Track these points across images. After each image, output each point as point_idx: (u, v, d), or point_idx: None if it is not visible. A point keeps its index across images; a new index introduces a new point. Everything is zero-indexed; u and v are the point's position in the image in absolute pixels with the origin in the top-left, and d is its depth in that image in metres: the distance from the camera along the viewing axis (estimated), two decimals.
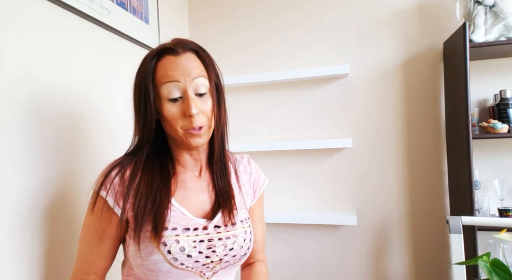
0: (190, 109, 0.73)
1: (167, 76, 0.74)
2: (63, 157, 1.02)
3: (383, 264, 1.72)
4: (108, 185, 0.75)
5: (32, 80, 0.94)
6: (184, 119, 0.75)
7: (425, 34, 1.68)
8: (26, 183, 0.90)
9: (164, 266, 0.71)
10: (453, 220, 1.21)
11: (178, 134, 0.75)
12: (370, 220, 1.74)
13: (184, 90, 0.74)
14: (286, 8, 1.84)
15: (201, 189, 0.83)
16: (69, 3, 1.06)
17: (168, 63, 0.75)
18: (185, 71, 0.74)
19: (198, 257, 0.74)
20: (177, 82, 0.73)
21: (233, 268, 0.83)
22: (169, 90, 0.74)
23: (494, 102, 1.55)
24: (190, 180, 0.83)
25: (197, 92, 0.75)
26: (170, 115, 0.75)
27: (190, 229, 0.76)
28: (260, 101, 1.88)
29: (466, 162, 1.40)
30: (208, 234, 0.77)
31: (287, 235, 1.83)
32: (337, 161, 1.79)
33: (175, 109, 0.75)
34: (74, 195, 1.06)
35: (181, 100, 0.75)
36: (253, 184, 0.92)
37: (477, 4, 1.49)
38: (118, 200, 0.75)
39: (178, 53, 0.75)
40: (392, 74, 1.72)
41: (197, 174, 0.85)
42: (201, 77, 0.75)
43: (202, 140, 0.76)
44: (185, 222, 0.76)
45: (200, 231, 0.76)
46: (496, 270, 0.70)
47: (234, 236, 0.80)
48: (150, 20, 1.52)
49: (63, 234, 1.01)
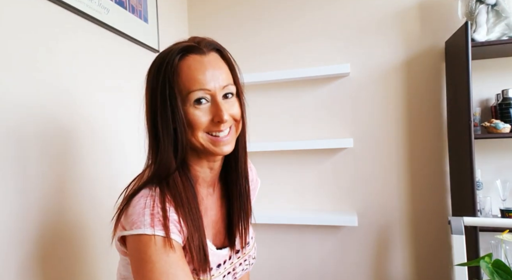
0: (222, 114, 0.64)
1: (195, 80, 0.64)
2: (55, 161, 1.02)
3: (384, 265, 1.71)
4: (157, 220, 0.60)
5: (30, 79, 0.93)
6: (211, 124, 0.66)
7: (426, 33, 1.67)
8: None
9: None
10: (455, 221, 1.20)
11: (200, 140, 0.66)
12: (371, 221, 1.73)
13: (213, 95, 0.65)
14: (286, 8, 1.84)
15: (211, 206, 0.76)
16: (68, 1, 1.05)
17: (193, 63, 0.65)
18: (214, 76, 0.65)
19: None
20: (207, 90, 0.65)
21: None
22: (196, 95, 0.64)
23: (496, 102, 1.54)
24: (205, 198, 0.74)
25: (224, 94, 0.68)
26: (196, 120, 0.64)
27: (221, 264, 0.72)
28: (260, 100, 1.87)
29: (468, 162, 1.38)
30: (232, 262, 0.76)
31: (288, 235, 1.82)
32: (338, 161, 1.78)
33: (202, 113, 0.65)
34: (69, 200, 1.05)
35: (208, 104, 0.66)
36: (254, 190, 0.89)
37: (479, 3, 1.47)
38: (174, 226, 0.62)
39: (204, 52, 0.67)
40: (393, 74, 1.71)
41: (212, 190, 0.76)
42: (231, 85, 0.68)
43: (229, 147, 0.68)
44: (215, 258, 0.70)
45: (227, 263, 0.74)
46: (498, 271, 0.69)
47: (248, 257, 0.81)
48: (149, 19, 1.52)
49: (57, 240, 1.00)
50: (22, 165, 0.89)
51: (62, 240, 1.00)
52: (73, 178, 1.06)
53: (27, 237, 0.89)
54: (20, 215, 0.88)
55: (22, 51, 0.91)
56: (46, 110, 0.98)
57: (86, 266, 1.09)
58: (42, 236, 0.93)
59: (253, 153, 1.80)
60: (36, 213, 0.92)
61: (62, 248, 1.00)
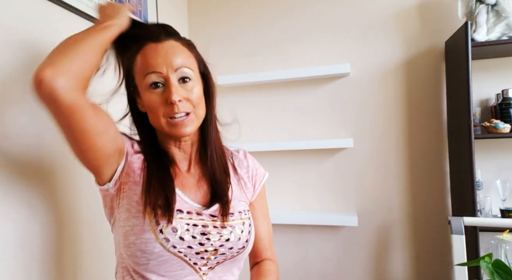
0: (171, 95, 0.69)
1: (148, 64, 0.72)
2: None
3: (384, 265, 1.71)
4: (129, 142, 0.78)
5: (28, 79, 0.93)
6: (165, 107, 0.71)
7: (426, 33, 1.67)
8: None
9: (156, 247, 0.68)
10: (455, 221, 1.20)
11: (161, 123, 0.72)
12: (371, 221, 1.73)
13: (166, 77, 0.71)
14: (286, 8, 1.84)
15: (191, 183, 0.80)
16: (68, 1, 1.05)
17: (149, 50, 0.73)
18: (167, 59, 0.71)
19: (191, 242, 0.71)
20: (159, 73, 0.71)
21: (232, 264, 0.78)
22: (150, 79, 0.71)
23: (496, 102, 1.54)
24: (183, 174, 0.80)
25: (180, 78, 0.73)
26: (151, 104, 0.72)
27: (184, 212, 0.73)
28: (260, 100, 1.87)
29: (468, 162, 1.38)
30: (203, 220, 0.74)
31: (288, 235, 1.82)
32: (338, 161, 1.78)
33: (157, 96, 0.72)
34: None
35: (163, 87, 0.72)
36: (251, 177, 0.89)
37: (479, 3, 1.48)
38: (130, 155, 0.76)
39: (159, 40, 0.73)
40: (393, 74, 1.71)
41: (186, 168, 0.81)
42: (185, 68, 0.73)
43: (188, 129, 0.73)
44: (180, 204, 0.74)
45: (194, 215, 0.74)
46: (498, 271, 0.69)
47: (231, 227, 0.76)
48: (149, 19, 1.52)
49: None
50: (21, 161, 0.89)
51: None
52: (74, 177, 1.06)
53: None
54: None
55: (20, 50, 0.91)
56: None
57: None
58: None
59: (253, 153, 1.79)
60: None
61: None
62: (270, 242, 0.92)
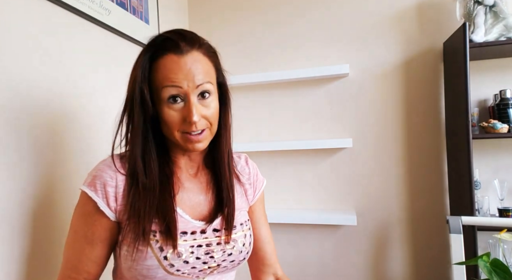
0: (192, 116, 0.67)
1: (168, 78, 0.68)
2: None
3: (383, 264, 1.72)
4: (99, 185, 0.69)
5: (29, 80, 0.94)
6: (183, 124, 0.70)
7: (425, 34, 1.68)
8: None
9: (159, 272, 0.67)
10: (453, 220, 1.21)
11: (176, 137, 0.71)
12: (370, 220, 1.74)
13: (186, 94, 0.68)
14: (286, 9, 1.84)
15: (197, 190, 0.79)
16: (69, 2, 1.06)
17: (170, 63, 0.68)
18: (189, 75, 0.68)
19: (195, 263, 0.71)
20: (179, 88, 0.68)
21: (231, 271, 0.80)
22: (169, 93, 0.68)
23: (494, 102, 1.55)
24: (186, 180, 0.79)
25: (200, 93, 0.70)
26: (169, 119, 0.69)
27: (188, 233, 0.72)
28: (260, 101, 1.88)
29: (466, 162, 1.39)
30: (207, 238, 0.73)
31: (287, 235, 1.83)
32: (337, 161, 1.79)
33: (175, 113, 0.69)
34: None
35: (182, 103, 0.69)
36: (252, 183, 0.89)
37: (477, 4, 1.48)
38: (110, 201, 0.69)
39: (182, 52, 0.69)
40: (392, 74, 1.72)
41: (193, 173, 0.81)
42: (206, 83, 0.70)
43: (201, 145, 0.72)
44: (183, 225, 0.72)
45: (198, 235, 0.73)
46: (496, 270, 0.70)
47: (233, 241, 0.76)
48: (150, 20, 1.52)
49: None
50: (18, 155, 0.90)
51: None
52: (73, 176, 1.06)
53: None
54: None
55: (21, 51, 0.92)
56: (46, 111, 0.98)
57: None
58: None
59: (253, 153, 1.81)
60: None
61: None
62: (274, 248, 0.93)
